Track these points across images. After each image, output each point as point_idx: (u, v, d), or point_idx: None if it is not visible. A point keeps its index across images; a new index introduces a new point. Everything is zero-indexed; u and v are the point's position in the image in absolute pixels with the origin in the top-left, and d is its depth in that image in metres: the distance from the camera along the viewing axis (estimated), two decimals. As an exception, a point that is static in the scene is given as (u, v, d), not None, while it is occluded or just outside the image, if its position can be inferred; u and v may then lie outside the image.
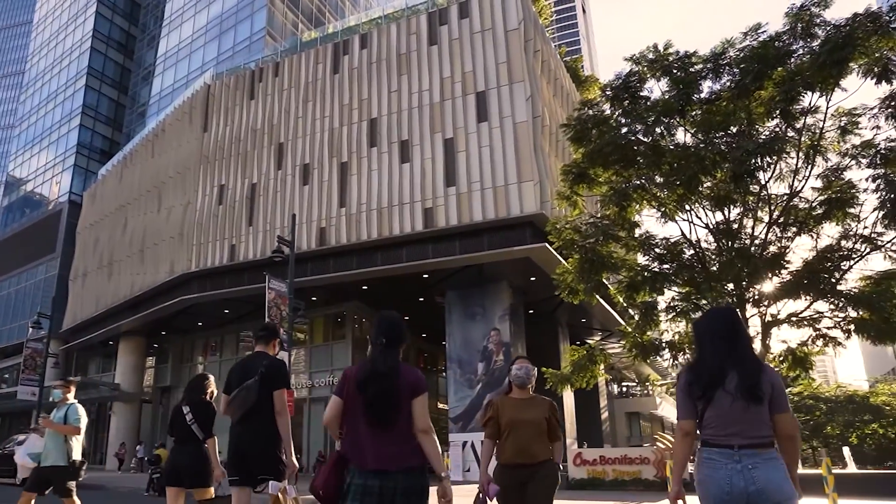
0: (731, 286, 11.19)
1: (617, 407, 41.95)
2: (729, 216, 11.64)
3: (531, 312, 26.05)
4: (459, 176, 22.01)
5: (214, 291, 26.14)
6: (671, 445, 13.80)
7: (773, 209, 11.21)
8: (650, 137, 11.54)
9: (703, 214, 11.79)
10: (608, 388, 40.09)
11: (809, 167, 10.79)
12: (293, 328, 16.94)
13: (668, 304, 11.96)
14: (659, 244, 11.95)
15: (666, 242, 11.87)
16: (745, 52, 10.94)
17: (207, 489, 5.00)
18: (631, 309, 13.29)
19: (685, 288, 11.69)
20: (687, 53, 11.64)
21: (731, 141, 10.90)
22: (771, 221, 11.17)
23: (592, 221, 12.25)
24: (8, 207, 54.57)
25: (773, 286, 10.87)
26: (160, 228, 30.36)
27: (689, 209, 11.64)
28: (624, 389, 49.42)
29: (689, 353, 11.63)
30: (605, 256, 11.59)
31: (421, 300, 26.27)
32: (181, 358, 34.61)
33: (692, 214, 11.76)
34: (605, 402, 36.03)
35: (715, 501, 2.64)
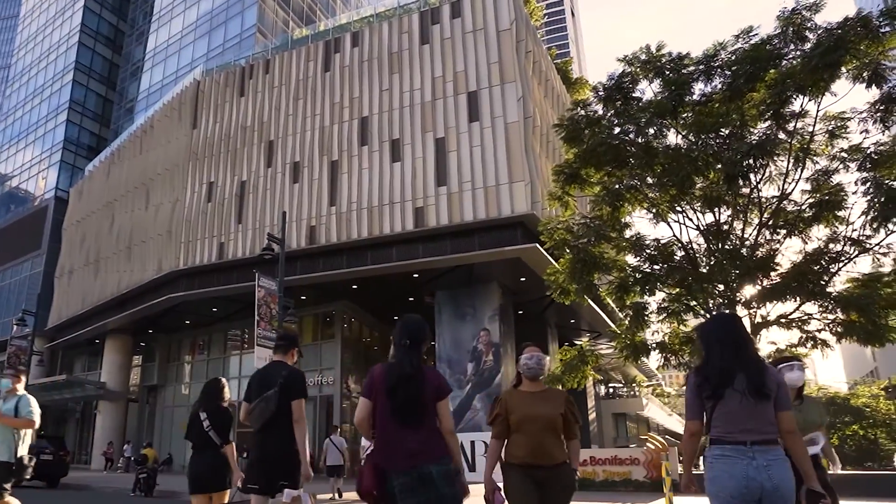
0: (721, 287, 11.23)
1: (604, 408, 42.09)
2: (719, 218, 11.70)
3: (520, 313, 26.09)
4: (450, 175, 21.98)
5: (203, 290, 25.95)
6: (662, 446, 13.88)
7: (763, 211, 11.28)
8: (642, 138, 11.57)
9: (694, 216, 11.84)
10: (595, 389, 40.24)
11: (800, 170, 10.85)
12: (282, 327, 16.83)
13: (659, 305, 11.99)
14: (650, 245, 11.97)
15: (657, 243, 11.90)
16: (736, 54, 11.00)
17: (225, 492, 5.09)
18: (620, 311, 13.30)
19: (676, 289, 11.73)
20: (679, 55, 11.69)
21: (723, 142, 10.94)
22: (761, 223, 11.24)
23: (584, 222, 12.25)
24: (-7, 203, 53.92)
25: (762, 288, 10.92)
26: (148, 226, 30.09)
27: (680, 210, 11.67)
28: (611, 391, 49.63)
29: (680, 354, 11.68)
30: (597, 257, 11.60)
31: (411, 300, 26.23)
32: (168, 357, 34.31)
33: (683, 216, 11.80)
34: (592, 402, 36.19)
35: (732, 494, 2.81)
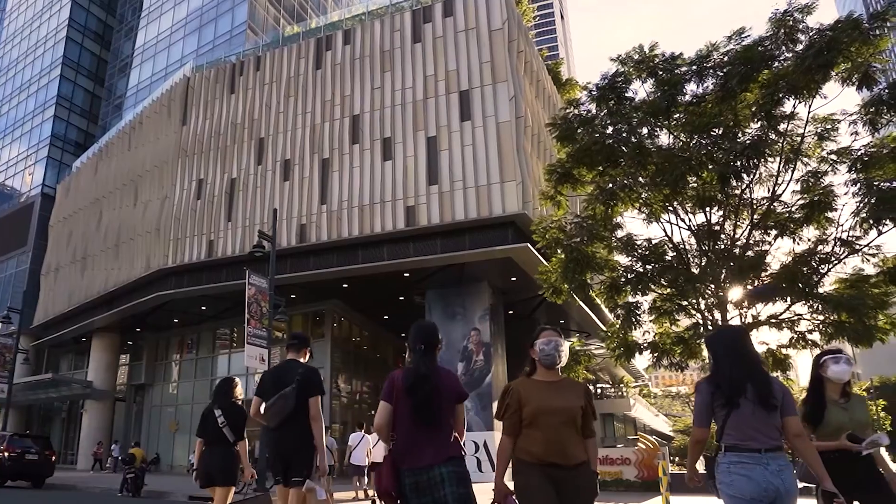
0: (712, 288, 11.28)
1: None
2: (710, 218, 11.75)
3: (510, 313, 26.11)
4: (442, 175, 21.94)
5: (191, 288, 25.75)
6: (654, 447, 14.00)
7: (754, 212, 11.34)
8: (635, 138, 11.60)
9: (685, 216, 11.87)
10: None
11: (791, 171, 10.92)
12: (272, 325, 16.72)
13: (650, 304, 12.03)
14: (641, 245, 12.00)
15: (648, 243, 11.93)
16: (729, 55, 11.05)
17: (230, 488, 5.22)
18: (610, 312, 13.33)
19: (668, 289, 11.77)
20: (672, 55, 11.73)
21: (717, 142, 10.99)
22: (752, 224, 11.30)
23: (577, 221, 12.26)
24: (-23, 199, 53.21)
25: (753, 288, 10.98)
26: (136, 223, 29.81)
27: (673, 209, 11.71)
28: (598, 391, 49.85)
29: (671, 354, 11.72)
30: (590, 256, 11.61)
31: (401, 299, 26.18)
32: (156, 356, 34.02)
33: (676, 216, 11.83)
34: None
35: (753, 497, 2.93)
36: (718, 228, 11.59)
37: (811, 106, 10.69)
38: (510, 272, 22.43)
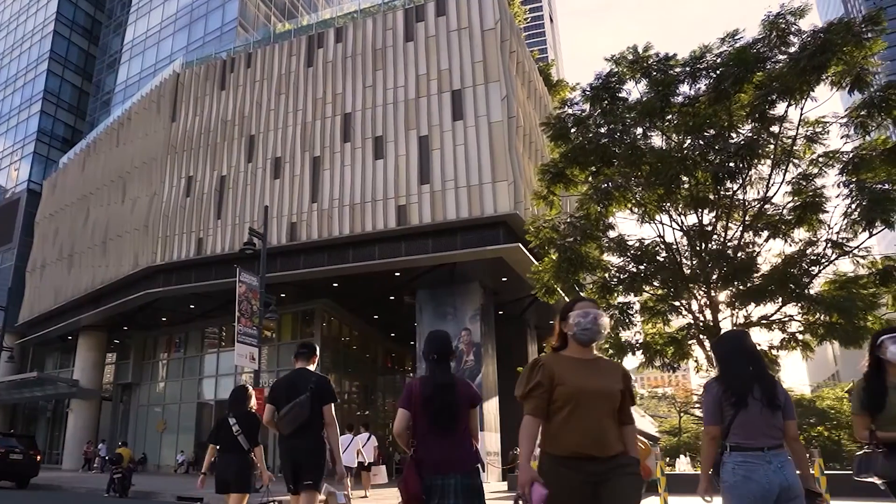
0: (704, 289, 11.31)
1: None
2: (701, 219, 11.78)
3: (500, 314, 26.09)
4: (434, 174, 21.90)
5: (180, 286, 25.54)
6: (645, 447, 13.97)
7: (746, 213, 11.39)
8: (629, 138, 11.62)
9: (678, 217, 11.90)
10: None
11: (782, 173, 10.98)
12: (263, 324, 16.60)
13: (643, 304, 12.04)
14: (633, 245, 12.01)
15: (640, 244, 11.94)
16: (722, 56, 11.09)
17: (245, 495, 5.38)
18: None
19: (660, 290, 11.79)
20: (667, 55, 11.76)
21: (710, 143, 11.02)
22: (744, 225, 11.34)
23: (571, 221, 12.26)
24: (-38, 195, 52.53)
25: (745, 289, 11.01)
26: (124, 220, 29.52)
27: (666, 209, 11.73)
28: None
29: (663, 354, 11.73)
30: (583, 256, 11.61)
31: (392, 299, 26.10)
32: (143, 354, 33.71)
33: (668, 216, 11.86)
34: (571, 402, 36.31)
35: (755, 495, 3.02)
36: (711, 229, 11.62)
37: (803, 108, 10.76)
38: (501, 272, 22.43)
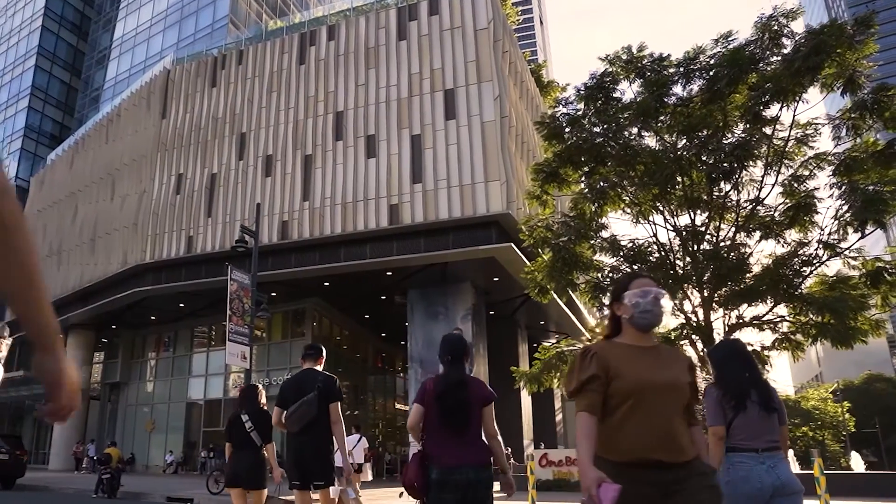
0: (697, 289, 11.35)
1: (569, 409, 42.46)
2: (695, 219, 11.81)
3: (492, 313, 26.07)
4: (426, 173, 21.83)
5: (169, 284, 25.30)
6: None
7: (738, 214, 11.43)
8: (623, 138, 11.63)
9: (671, 217, 11.92)
10: (561, 389, 40.44)
11: (776, 174, 11.03)
12: (254, 322, 16.46)
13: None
14: (626, 246, 12.02)
15: (633, 244, 11.96)
16: (716, 57, 11.13)
17: (262, 490, 5.47)
18: (588, 313, 13.35)
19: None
20: (661, 55, 11.78)
21: (704, 143, 11.05)
22: (737, 226, 11.38)
23: (564, 220, 12.26)
24: (-53, 191, 51.78)
25: (738, 289, 11.06)
26: (113, 217, 29.22)
27: (661, 209, 11.75)
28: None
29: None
30: (577, 255, 11.61)
31: (383, 298, 26.00)
32: (132, 353, 33.35)
33: (662, 216, 11.88)
34: (559, 403, 36.39)
35: (749, 495, 3.12)
36: (704, 229, 11.66)
37: (795, 110, 10.82)
38: (493, 272, 22.40)
